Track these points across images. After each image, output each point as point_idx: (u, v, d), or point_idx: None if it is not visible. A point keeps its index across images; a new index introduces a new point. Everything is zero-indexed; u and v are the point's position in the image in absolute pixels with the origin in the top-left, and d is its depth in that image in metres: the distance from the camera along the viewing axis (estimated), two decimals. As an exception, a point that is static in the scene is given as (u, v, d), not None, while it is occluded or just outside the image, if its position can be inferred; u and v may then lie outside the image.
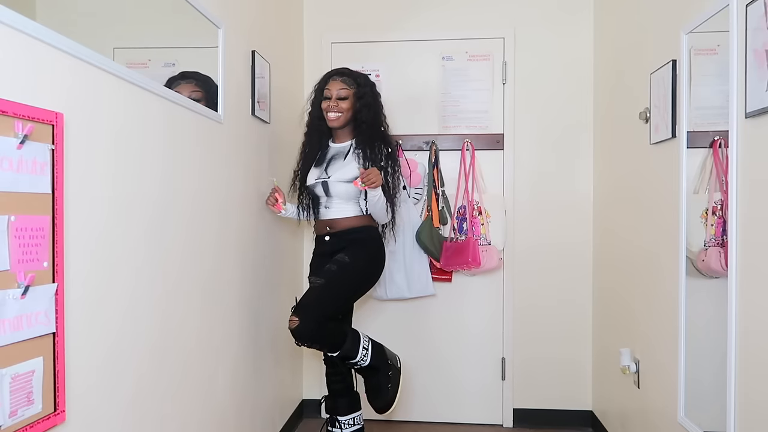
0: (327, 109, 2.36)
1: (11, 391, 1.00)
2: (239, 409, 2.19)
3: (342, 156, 2.39)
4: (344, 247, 2.33)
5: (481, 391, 3.06)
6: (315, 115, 2.43)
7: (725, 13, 1.57)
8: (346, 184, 2.31)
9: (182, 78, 1.70)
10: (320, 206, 2.39)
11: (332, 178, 2.34)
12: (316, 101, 2.41)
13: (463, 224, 2.90)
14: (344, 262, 2.29)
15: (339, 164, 2.37)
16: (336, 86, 2.36)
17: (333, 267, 2.29)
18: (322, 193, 2.36)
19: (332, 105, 2.35)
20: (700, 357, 1.82)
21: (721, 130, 1.60)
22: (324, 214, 2.39)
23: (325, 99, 2.38)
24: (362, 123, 2.37)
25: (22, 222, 1.01)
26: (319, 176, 2.38)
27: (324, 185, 2.35)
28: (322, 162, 2.41)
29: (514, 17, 3.02)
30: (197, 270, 1.80)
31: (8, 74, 1.01)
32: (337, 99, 2.35)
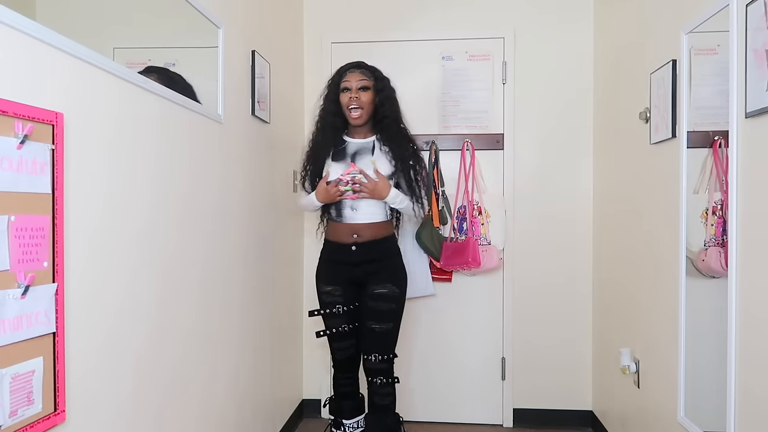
0: (348, 103, 2.25)
1: (11, 391, 1.00)
2: (239, 408, 2.19)
3: (368, 152, 2.29)
4: (374, 260, 2.25)
5: (481, 391, 3.06)
6: (330, 110, 2.30)
7: (725, 13, 1.57)
8: None
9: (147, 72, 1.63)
10: (344, 206, 2.26)
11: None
12: (331, 96, 2.30)
13: (463, 224, 2.90)
14: (396, 296, 2.26)
15: (368, 160, 2.26)
16: (355, 77, 2.26)
17: (393, 306, 2.25)
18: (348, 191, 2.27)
19: (354, 97, 2.24)
20: (700, 357, 1.82)
21: (721, 130, 1.60)
22: (350, 216, 2.26)
23: (344, 91, 2.27)
24: (384, 117, 2.28)
25: (22, 222, 1.01)
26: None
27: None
28: (344, 157, 2.28)
29: (514, 17, 3.02)
30: (197, 270, 1.80)
31: (8, 74, 1.01)
32: (358, 90, 2.25)
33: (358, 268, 2.26)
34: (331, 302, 2.31)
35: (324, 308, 2.33)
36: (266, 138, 2.51)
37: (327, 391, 3.13)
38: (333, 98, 2.29)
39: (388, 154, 2.26)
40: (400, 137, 2.28)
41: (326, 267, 2.35)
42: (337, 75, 2.30)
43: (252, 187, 2.32)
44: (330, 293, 2.32)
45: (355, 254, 2.25)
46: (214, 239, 1.94)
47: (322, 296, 2.34)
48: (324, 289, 2.34)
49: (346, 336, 2.33)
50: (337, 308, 2.30)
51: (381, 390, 2.31)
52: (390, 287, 2.25)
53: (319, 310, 2.34)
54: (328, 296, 2.32)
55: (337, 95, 2.28)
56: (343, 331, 2.32)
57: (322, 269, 2.37)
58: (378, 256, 2.26)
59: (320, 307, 2.35)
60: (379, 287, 2.25)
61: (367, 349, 2.28)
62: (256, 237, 2.39)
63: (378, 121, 2.29)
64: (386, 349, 2.28)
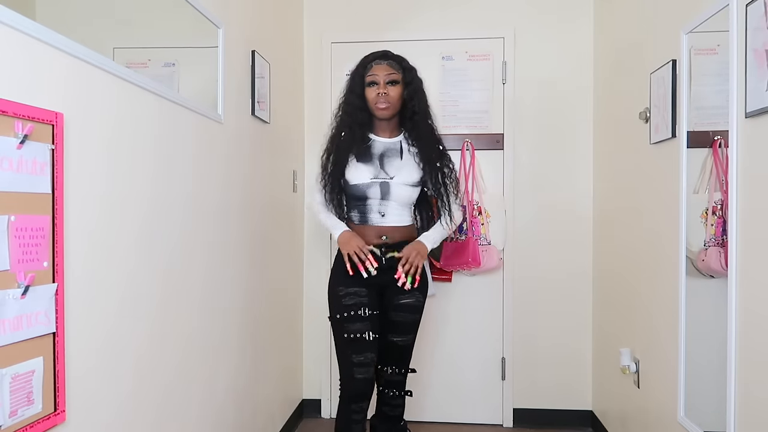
0: (376, 99, 2.06)
1: (11, 391, 1.00)
2: (239, 408, 2.19)
3: (396, 153, 2.12)
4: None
5: (481, 391, 3.06)
6: (356, 105, 2.10)
7: (725, 13, 1.57)
8: (410, 188, 2.10)
9: None
10: (370, 211, 2.09)
11: (396, 180, 2.08)
12: (356, 89, 2.11)
13: (463, 224, 2.89)
14: (422, 305, 2.14)
15: (397, 163, 2.10)
16: (383, 70, 2.08)
17: (417, 317, 2.14)
18: (377, 195, 2.08)
19: (382, 93, 2.06)
20: (700, 357, 1.82)
21: (721, 130, 1.60)
22: (377, 220, 2.09)
23: (370, 86, 2.09)
24: (414, 114, 2.11)
25: (22, 222, 1.01)
26: (375, 175, 2.08)
27: (384, 186, 2.07)
28: (370, 158, 2.10)
29: (514, 17, 3.02)
30: (197, 270, 1.80)
31: (8, 74, 1.01)
32: (386, 85, 2.07)
33: (385, 273, 2.06)
34: (356, 303, 2.05)
35: (347, 310, 2.05)
36: (266, 138, 2.51)
37: (327, 391, 3.13)
38: (359, 92, 2.10)
39: (417, 156, 2.12)
40: (428, 136, 2.13)
41: (347, 271, 2.06)
42: (362, 66, 2.12)
43: (252, 187, 2.32)
44: (354, 294, 2.06)
45: (383, 257, 2.07)
46: (215, 239, 1.94)
47: (345, 299, 2.07)
48: (345, 291, 2.07)
49: (369, 346, 2.06)
50: (363, 309, 2.04)
51: (393, 401, 2.22)
52: (417, 296, 2.12)
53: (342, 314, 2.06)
54: (352, 297, 2.06)
55: (362, 88, 2.10)
56: (368, 338, 2.04)
57: (341, 273, 2.09)
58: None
59: (340, 311, 2.06)
60: (406, 296, 2.10)
61: (386, 361, 2.17)
62: (256, 237, 2.39)
63: (407, 117, 2.13)
64: (405, 362, 2.20)
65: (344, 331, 2.05)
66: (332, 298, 2.12)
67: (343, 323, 2.06)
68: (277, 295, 2.70)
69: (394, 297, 2.11)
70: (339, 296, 2.08)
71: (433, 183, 2.14)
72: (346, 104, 2.14)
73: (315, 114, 3.11)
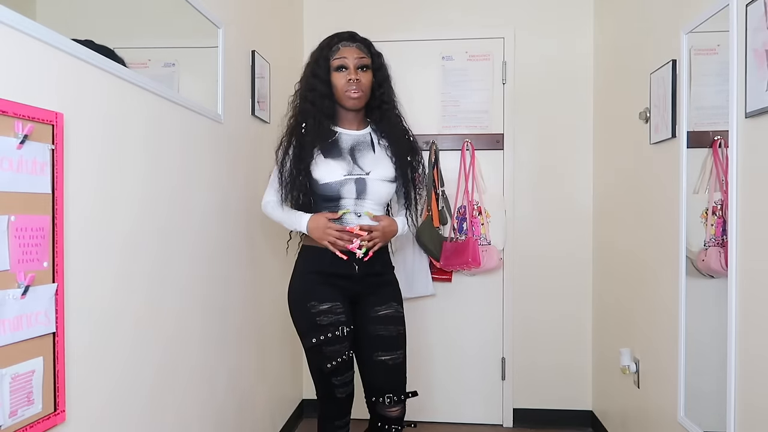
0: (346, 86, 1.82)
1: (11, 391, 1.00)
2: (239, 408, 2.19)
3: (367, 147, 1.89)
4: (377, 273, 1.88)
5: (481, 391, 3.06)
6: (320, 91, 1.84)
7: (725, 13, 1.56)
8: (388, 184, 1.87)
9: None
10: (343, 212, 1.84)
11: (372, 175, 1.84)
12: (321, 73, 1.84)
13: (463, 224, 2.89)
14: (402, 317, 1.90)
15: (370, 157, 1.87)
16: (352, 53, 1.84)
17: (401, 329, 1.89)
18: (351, 193, 1.83)
19: (353, 79, 1.81)
20: (700, 357, 1.82)
21: (721, 130, 1.60)
22: (352, 221, 1.84)
23: (339, 70, 1.83)
24: (383, 103, 1.90)
25: (22, 222, 1.01)
26: (349, 171, 1.83)
27: (359, 183, 1.83)
28: (340, 153, 1.85)
29: (514, 17, 3.02)
30: (197, 270, 1.80)
31: (8, 74, 1.01)
32: (356, 70, 1.83)
33: (358, 282, 1.85)
34: (333, 323, 1.79)
35: (323, 333, 1.78)
36: (266, 138, 2.51)
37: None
38: (323, 77, 1.84)
39: (388, 150, 1.90)
40: (399, 128, 1.92)
41: (318, 280, 1.83)
42: (326, 48, 1.86)
43: (252, 186, 2.32)
44: (330, 311, 1.80)
45: (358, 265, 1.83)
46: (215, 239, 1.94)
47: (317, 317, 1.79)
48: (319, 308, 1.80)
49: (349, 365, 1.87)
50: (341, 329, 1.80)
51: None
52: (395, 307, 1.89)
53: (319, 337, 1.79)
54: (328, 315, 1.80)
55: (328, 73, 1.84)
56: (347, 359, 1.83)
57: (310, 283, 1.84)
58: (380, 268, 1.90)
59: (312, 332, 1.79)
60: (384, 307, 1.87)
61: (379, 388, 1.86)
62: (256, 236, 2.39)
63: (375, 107, 1.91)
64: (400, 386, 1.88)
65: (323, 357, 1.81)
66: (302, 314, 1.83)
67: (320, 347, 1.80)
68: (277, 295, 2.70)
69: (369, 309, 1.87)
70: (312, 314, 1.80)
71: (403, 180, 1.92)
72: (307, 90, 1.86)
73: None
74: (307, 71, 1.89)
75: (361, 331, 1.88)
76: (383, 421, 1.89)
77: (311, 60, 1.90)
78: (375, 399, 1.89)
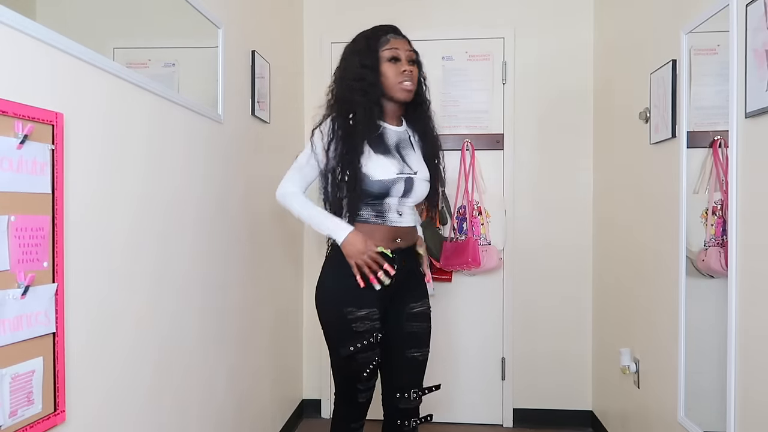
0: (401, 77, 1.75)
1: (11, 391, 1.00)
2: (239, 408, 2.19)
3: (408, 145, 1.84)
4: (410, 270, 1.84)
5: (481, 391, 3.06)
6: (370, 81, 1.73)
7: (725, 13, 1.57)
8: (427, 185, 1.84)
9: None
10: (389, 210, 1.76)
11: (419, 175, 1.79)
12: (369, 62, 1.75)
13: (463, 224, 2.89)
14: (430, 312, 1.88)
15: (412, 156, 1.82)
16: (403, 45, 1.80)
17: (430, 324, 1.86)
18: (399, 192, 1.75)
19: (408, 71, 1.76)
20: (700, 357, 1.82)
21: (721, 130, 1.60)
22: (395, 220, 1.77)
23: (392, 61, 1.76)
24: (422, 103, 1.87)
25: (22, 222, 1.01)
26: (400, 170, 1.75)
27: (408, 183, 1.76)
28: (388, 149, 1.77)
29: (514, 17, 3.02)
30: (197, 269, 1.80)
31: (8, 74, 1.01)
32: (408, 63, 1.78)
33: (396, 281, 1.76)
34: (368, 330, 1.72)
35: (359, 340, 1.71)
36: (266, 138, 2.51)
37: (327, 391, 3.13)
38: (375, 66, 1.75)
39: (421, 150, 1.86)
40: (432, 129, 1.89)
41: (357, 284, 1.71)
42: (374, 38, 1.79)
43: (252, 186, 2.32)
44: (367, 318, 1.71)
45: (398, 263, 1.76)
46: (215, 239, 1.94)
47: (354, 324, 1.71)
48: (357, 314, 1.71)
49: (376, 372, 1.82)
50: (375, 336, 1.73)
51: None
52: (426, 303, 1.87)
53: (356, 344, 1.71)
54: (364, 322, 1.71)
55: (378, 63, 1.76)
56: (376, 365, 1.79)
57: (349, 287, 1.72)
58: (412, 265, 1.86)
59: (348, 339, 1.71)
60: (419, 304, 1.84)
61: (404, 385, 1.82)
62: (256, 237, 2.39)
63: (417, 104, 1.86)
64: (422, 381, 1.88)
65: (355, 364, 1.74)
66: (337, 321, 1.74)
67: (355, 354, 1.72)
68: (277, 295, 2.70)
69: (405, 306, 1.82)
70: (348, 320, 1.70)
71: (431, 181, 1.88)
72: (356, 80, 1.74)
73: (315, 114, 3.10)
74: (353, 62, 1.77)
75: (396, 329, 1.81)
76: (403, 416, 1.84)
77: (355, 48, 1.80)
78: (399, 395, 1.82)
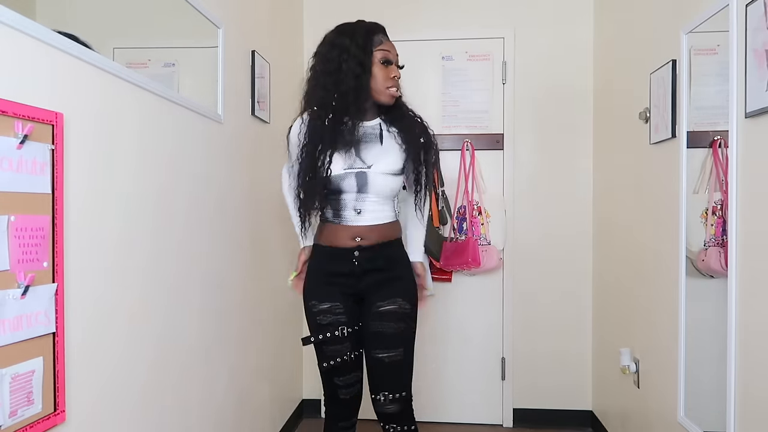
0: (392, 83, 1.74)
1: (11, 391, 1.00)
2: (239, 408, 2.19)
3: (375, 137, 1.78)
4: (381, 269, 1.79)
5: (481, 391, 3.06)
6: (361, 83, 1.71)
7: (725, 13, 1.56)
8: (393, 178, 1.77)
9: None
10: (344, 208, 1.77)
11: (374, 168, 1.75)
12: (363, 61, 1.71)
13: (463, 224, 2.90)
14: (407, 313, 1.80)
15: (376, 149, 1.77)
16: (393, 48, 1.78)
17: (402, 326, 1.78)
18: (352, 188, 1.74)
19: (397, 76, 1.75)
20: (700, 357, 1.82)
21: (721, 130, 1.60)
22: (351, 218, 1.77)
23: (384, 63, 1.74)
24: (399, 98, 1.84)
25: (22, 222, 1.01)
26: (350, 165, 1.73)
27: (360, 177, 1.73)
28: (346, 144, 1.73)
29: (514, 17, 3.02)
30: (197, 270, 1.80)
31: (8, 74, 1.01)
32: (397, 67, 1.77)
33: (360, 280, 1.79)
34: (332, 323, 1.78)
35: (322, 332, 1.78)
36: (266, 138, 2.51)
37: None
38: (368, 67, 1.72)
39: (398, 136, 1.80)
40: (410, 113, 1.85)
41: (319, 279, 1.82)
42: (366, 37, 1.75)
43: (252, 186, 2.32)
44: (329, 311, 1.79)
45: (358, 262, 1.77)
46: (215, 239, 1.94)
47: (318, 317, 1.79)
48: (319, 307, 1.79)
49: (352, 367, 1.83)
50: (340, 330, 1.78)
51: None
52: (400, 303, 1.79)
53: (313, 337, 1.80)
54: (327, 315, 1.79)
55: (368, 63, 1.72)
56: (349, 360, 1.81)
57: (313, 282, 1.83)
58: (385, 264, 1.81)
59: (315, 331, 1.80)
60: (386, 303, 1.78)
61: (376, 385, 1.80)
62: (256, 236, 2.39)
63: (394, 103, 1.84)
64: (398, 384, 1.79)
65: (322, 356, 1.81)
66: (307, 312, 1.84)
67: (320, 346, 1.81)
68: (277, 295, 2.70)
69: (372, 305, 1.79)
70: (313, 313, 1.81)
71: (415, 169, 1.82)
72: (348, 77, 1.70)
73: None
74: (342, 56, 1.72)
75: (364, 328, 1.81)
76: (383, 419, 1.83)
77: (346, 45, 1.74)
78: (373, 397, 1.82)
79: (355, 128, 1.74)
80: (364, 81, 1.72)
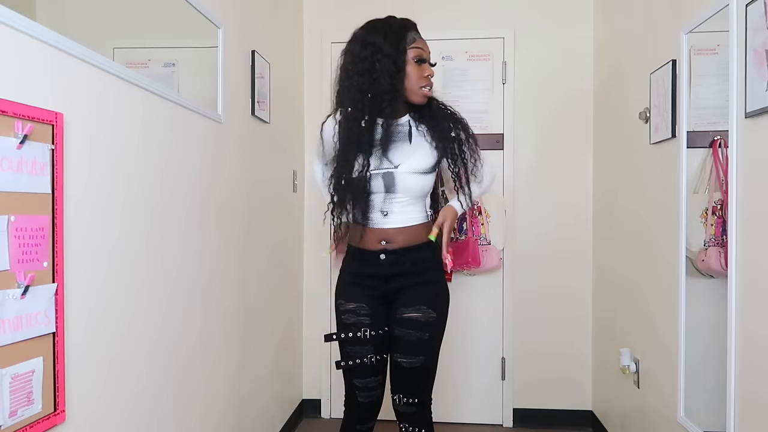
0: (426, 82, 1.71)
1: (11, 391, 1.00)
2: (239, 408, 2.19)
3: (404, 136, 1.74)
4: (408, 273, 1.75)
5: (481, 391, 3.06)
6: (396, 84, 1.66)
7: (725, 13, 1.56)
8: (421, 177, 1.73)
9: None
10: (372, 209, 1.73)
11: (401, 168, 1.70)
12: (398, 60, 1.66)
13: (463, 224, 2.89)
14: (432, 322, 1.74)
15: (405, 148, 1.73)
16: (426, 46, 1.74)
17: (426, 335, 1.73)
18: (380, 188, 1.72)
19: (431, 75, 1.72)
20: (700, 357, 1.82)
21: (721, 130, 1.61)
22: (378, 221, 1.74)
23: (418, 62, 1.70)
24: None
25: (22, 222, 1.01)
26: (377, 165, 1.70)
27: (387, 178, 1.70)
28: (372, 144, 1.69)
29: (514, 17, 3.02)
30: (197, 270, 1.80)
31: (8, 74, 1.01)
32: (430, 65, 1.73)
33: (387, 283, 1.76)
34: (355, 324, 1.77)
35: (344, 331, 1.78)
36: (266, 138, 2.51)
37: (327, 391, 3.13)
38: (402, 66, 1.67)
39: (427, 134, 1.76)
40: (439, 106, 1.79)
41: (349, 279, 1.82)
42: (399, 35, 1.69)
43: (252, 186, 2.32)
44: (353, 312, 1.77)
45: (384, 265, 1.74)
46: (214, 239, 1.94)
47: (343, 315, 1.80)
48: (345, 307, 1.79)
49: (372, 370, 1.79)
50: (363, 332, 1.76)
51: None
52: (425, 311, 1.73)
53: (335, 335, 1.81)
54: (351, 316, 1.78)
55: (404, 63, 1.68)
56: (369, 363, 1.77)
57: (343, 280, 1.84)
58: (412, 267, 1.75)
59: (339, 330, 1.81)
60: (411, 310, 1.74)
61: (395, 386, 1.80)
62: (256, 237, 2.39)
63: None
64: (416, 389, 1.78)
65: (344, 355, 1.81)
66: (336, 311, 1.85)
67: (343, 344, 1.80)
68: (277, 295, 2.70)
69: (397, 310, 1.77)
70: (339, 311, 1.82)
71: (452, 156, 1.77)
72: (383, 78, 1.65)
73: (315, 114, 3.11)
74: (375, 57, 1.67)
75: (390, 330, 1.79)
76: (400, 419, 1.82)
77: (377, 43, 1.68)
78: (392, 396, 1.81)
79: (389, 129, 1.69)
80: (398, 81, 1.67)
